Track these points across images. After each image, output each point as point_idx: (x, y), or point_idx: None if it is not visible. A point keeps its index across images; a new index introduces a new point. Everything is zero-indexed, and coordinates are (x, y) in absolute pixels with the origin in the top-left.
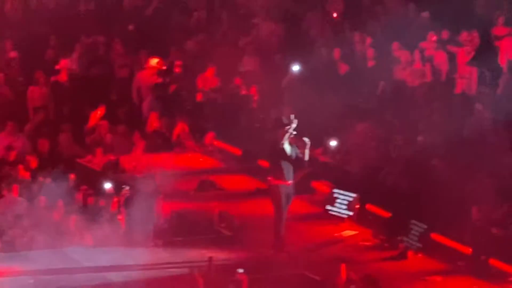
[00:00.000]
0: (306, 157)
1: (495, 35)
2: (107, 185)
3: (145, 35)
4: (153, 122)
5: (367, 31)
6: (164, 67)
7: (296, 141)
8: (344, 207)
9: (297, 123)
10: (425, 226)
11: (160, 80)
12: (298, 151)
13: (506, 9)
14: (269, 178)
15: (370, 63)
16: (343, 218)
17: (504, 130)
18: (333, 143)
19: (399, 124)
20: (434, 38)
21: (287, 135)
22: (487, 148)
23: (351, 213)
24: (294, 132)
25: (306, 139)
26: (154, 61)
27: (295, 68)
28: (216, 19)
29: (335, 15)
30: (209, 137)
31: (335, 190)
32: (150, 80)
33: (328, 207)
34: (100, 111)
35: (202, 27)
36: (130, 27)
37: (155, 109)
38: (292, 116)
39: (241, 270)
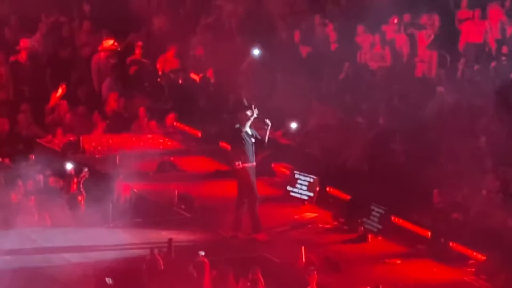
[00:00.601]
0: (266, 139)
1: (459, 18)
2: (68, 166)
3: (106, 15)
4: (112, 103)
5: (329, 14)
6: (118, 48)
7: (257, 123)
8: (305, 189)
9: (258, 106)
10: (385, 209)
11: (115, 60)
12: (257, 133)
13: None
14: (236, 162)
15: (333, 46)
16: (303, 200)
17: (464, 113)
18: (293, 125)
19: (361, 107)
20: (396, 21)
21: (248, 118)
22: (447, 131)
23: (311, 196)
24: (255, 115)
25: (267, 121)
26: (108, 42)
27: (256, 51)
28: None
29: None
30: (170, 118)
31: (296, 173)
32: (107, 61)
33: (289, 189)
34: (60, 91)
35: (163, 8)
36: (89, 7)
37: (114, 90)
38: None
39: (202, 253)
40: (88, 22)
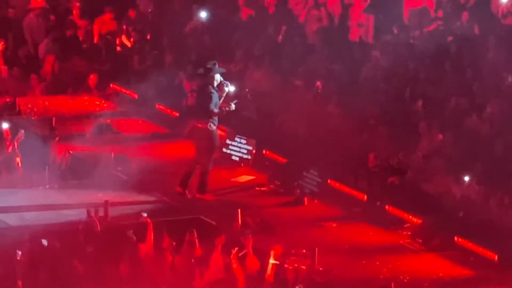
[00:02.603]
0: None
1: None
2: (3, 126)
3: None
4: (49, 65)
5: None
6: (46, 6)
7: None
8: (241, 152)
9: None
10: (321, 172)
11: (49, 21)
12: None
13: None
14: (208, 122)
15: (271, 10)
16: (239, 163)
17: (399, 77)
18: (231, 88)
19: (298, 70)
20: None
21: (215, 81)
22: (383, 95)
23: (247, 158)
24: (220, 78)
25: (226, 83)
26: (38, 1)
27: (200, 14)
28: None
29: None
30: (92, 79)
31: (232, 135)
32: (38, 20)
33: (225, 151)
34: None
35: None
36: None
37: (51, 52)
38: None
39: (145, 214)
40: None
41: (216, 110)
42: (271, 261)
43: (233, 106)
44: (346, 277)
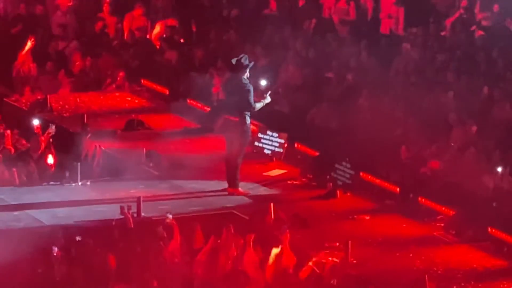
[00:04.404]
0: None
1: None
2: (35, 123)
3: None
4: (77, 61)
5: None
6: (75, 2)
7: None
8: (273, 146)
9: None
10: (353, 165)
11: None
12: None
13: None
14: (241, 116)
15: (301, 2)
16: (271, 157)
17: (430, 69)
18: (263, 82)
19: (330, 63)
20: None
21: (246, 74)
22: (413, 87)
23: (280, 152)
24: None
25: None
26: None
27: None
28: None
29: None
30: (121, 76)
31: (264, 129)
32: (67, 18)
33: (257, 145)
34: (28, 47)
35: None
36: None
37: (80, 49)
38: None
39: (170, 215)
40: None
41: (252, 103)
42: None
43: (268, 98)
44: (380, 269)
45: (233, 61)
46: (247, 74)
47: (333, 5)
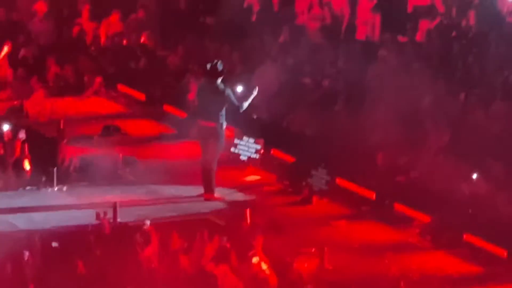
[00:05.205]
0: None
1: None
2: (4, 128)
3: None
4: (54, 67)
5: None
6: (51, 9)
7: None
8: (249, 152)
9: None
10: (330, 171)
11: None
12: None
13: None
14: (216, 121)
15: (276, 8)
16: (248, 163)
17: (406, 75)
18: (239, 88)
19: (305, 69)
20: None
21: (220, 79)
22: (390, 94)
23: (255, 158)
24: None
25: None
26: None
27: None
28: None
29: None
30: (97, 82)
31: (240, 135)
32: (44, 24)
33: (233, 151)
34: (3, 54)
35: None
36: None
37: (57, 54)
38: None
39: (148, 222)
40: None
41: (239, 105)
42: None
43: (255, 91)
44: (356, 275)
45: (208, 66)
46: (221, 80)
47: (307, 11)
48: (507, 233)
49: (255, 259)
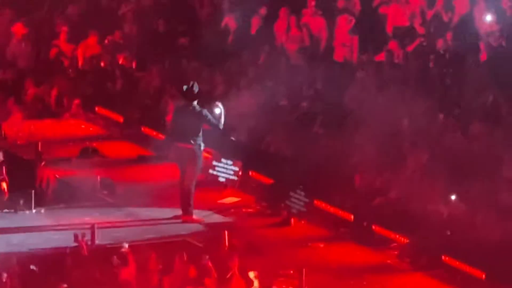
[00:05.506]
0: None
1: (381, 0)
2: None
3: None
4: (32, 89)
5: None
6: (29, 31)
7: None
8: (227, 174)
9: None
10: (308, 193)
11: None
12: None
13: None
14: (193, 143)
15: (253, 31)
16: (226, 184)
17: (384, 97)
18: (217, 110)
19: (283, 90)
20: (312, 3)
21: (196, 101)
22: (368, 115)
23: (234, 180)
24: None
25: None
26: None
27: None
28: None
29: None
30: (75, 104)
31: (218, 157)
32: (22, 46)
33: (211, 173)
34: None
35: None
36: None
37: (34, 76)
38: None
39: (126, 245)
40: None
41: (218, 124)
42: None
43: (220, 107)
44: None
45: (184, 87)
46: (197, 101)
47: (285, 32)
48: (485, 254)
49: (233, 281)
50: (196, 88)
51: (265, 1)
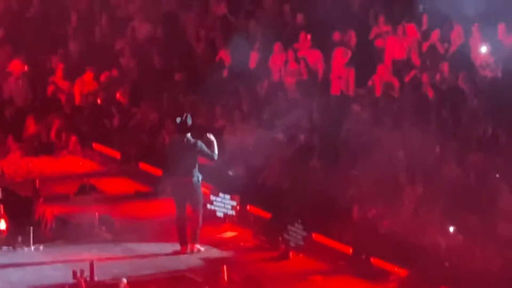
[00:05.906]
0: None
1: (377, 33)
2: None
3: (26, 37)
4: (30, 125)
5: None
6: (26, 68)
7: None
8: (225, 208)
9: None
10: (306, 226)
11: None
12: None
13: (381, 6)
14: (197, 176)
15: (252, 65)
16: (224, 219)
17: (381, 130)
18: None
19: (281, 124)
20: (308, 37)
21: (189, 134)
22: (365, 147)
23: (232, 215)
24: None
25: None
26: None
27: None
28: (95, 22)
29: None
30: (73, 141)
31: (216, 192)
32: (19, 83)
33: (209, 208)
34: None
35: (81, 30)
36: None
37: (32, 114)
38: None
39: (125, 280)
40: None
41: (212, 155)
42: None
43: (211, 137)
44: None
45: (178, 120)
46: (190, 134)
47: (283, 66)
48: (484, 286)
49: None
50: (189, 120)
51: (262, 35)
